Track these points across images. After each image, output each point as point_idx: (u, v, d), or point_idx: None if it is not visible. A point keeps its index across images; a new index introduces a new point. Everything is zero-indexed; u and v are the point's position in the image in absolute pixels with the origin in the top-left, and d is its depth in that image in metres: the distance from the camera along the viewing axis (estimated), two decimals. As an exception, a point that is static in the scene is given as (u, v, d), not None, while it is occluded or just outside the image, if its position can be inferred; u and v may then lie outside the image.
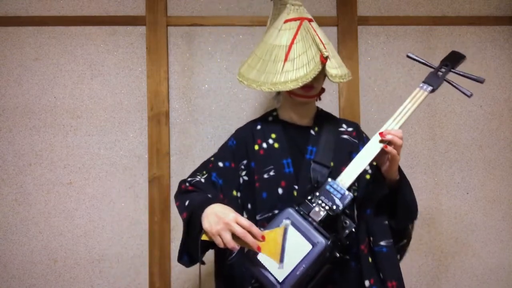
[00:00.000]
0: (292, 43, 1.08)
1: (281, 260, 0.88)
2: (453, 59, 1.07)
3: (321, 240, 0.89)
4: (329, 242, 0.89)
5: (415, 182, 1.70)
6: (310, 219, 0.93)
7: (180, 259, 1.05)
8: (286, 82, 1.05)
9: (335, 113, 1.68)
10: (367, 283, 1.03)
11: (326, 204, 0.95)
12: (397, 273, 1.05)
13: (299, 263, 0.88)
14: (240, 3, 1.68)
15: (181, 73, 1.66)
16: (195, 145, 1.65)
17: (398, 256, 1.12)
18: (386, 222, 1.07)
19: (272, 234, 0.91)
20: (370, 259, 1.06)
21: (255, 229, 0.89)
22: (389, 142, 0.98)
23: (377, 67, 1.71)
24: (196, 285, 1.62)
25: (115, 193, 1.62)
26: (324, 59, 1.05)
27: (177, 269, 1.62)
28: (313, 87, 1.10)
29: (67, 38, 1.64)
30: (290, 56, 1.07)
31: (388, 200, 1.06)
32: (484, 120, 1.74)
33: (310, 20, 1.13)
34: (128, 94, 1.65)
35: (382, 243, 1.05)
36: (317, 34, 1.09)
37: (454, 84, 1.03)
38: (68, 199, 1.61)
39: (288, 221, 0.92)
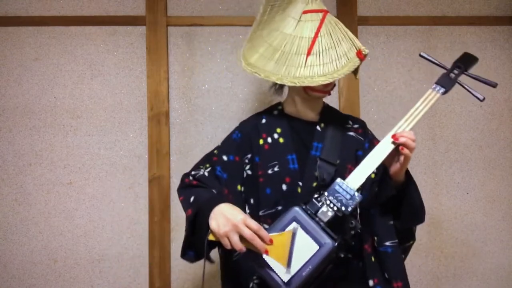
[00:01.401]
0: (316, 35, 1.04)
1: (288, 264, 0.87)
2: (466, 61, 1.05)
3: (328, 241, 0.87)
4: (336, 243, 0.88)
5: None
6: (317, 219, 0.91)
7: (184, 255, 1.03)
8: (313, 77, 1.02)
9: (335, 113, 1.69)
10: (371, 282, 1.03)
11: (334, 205, 0.93)
12: (402, 273, 1.04)
13: (305, 263, 0.87)
14: (240, 3, 1.68)
15: (181, 73, 1.66)
16: (195, 145, 1.65)
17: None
18: (391, 222, 1.06)
19: (280, 238, 0.89)
20: (373, 259, 1.06)
21: (263, 232, 0.87)
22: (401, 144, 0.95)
23: (377, 67, 1.71)
24: (196, 285, 1.62)
25: (115, 193, 1.62)
26: (363, 56, 1.04)
27: (177, 269, 1.62)
28: (331, 83, 1.07)
29: (67, 38, 1.64)
30: (314, 49, 1.03)
31: (393, 201, 1.05)
32: (484, 120, 1.74)
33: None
34: (128, 94, 1.65)
35: (387, 243, 1.04)
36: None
37: (467, 88, 1.00)
38: (68, 199, 1.61)
39: (297, 225, 0.90)
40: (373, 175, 1.11)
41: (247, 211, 1.10)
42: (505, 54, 1.75)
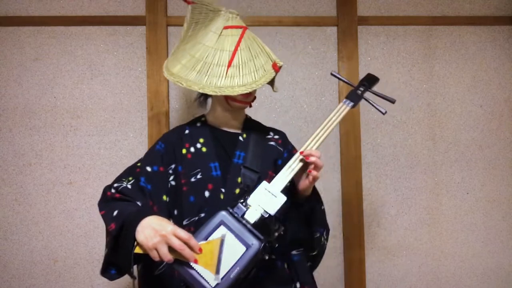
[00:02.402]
0: (236, 49, 1.10)
1: (217, 271, 0.87)
2: (370, 80, 1.16)
3: (255, 242, 0.89)
4: (262, 244, 0.89)
5: (415, 182, 1.70)
6: (244, 221, 0.92)
7: (104, 272, 0.98)
8: (233, 87, 1.07)
9: (335, 113, 1.69)
10: (298, 284, 1.12)
11: (260, 207, 0.95)
12: (309, 278, 1.15)
13: (233, 265, 0.87)
14: (240, 3, 1.68)
15: (181, 73, 1.65)
16: (195, 145, 1.65)
17: (310, 264, 1.18)
18: (298, 233, 1.12)
19: (209, 246, 0.89)
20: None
21: (193, 241, 0.87)
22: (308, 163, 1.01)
23: (377, 67, 1.71)
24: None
25: (115, 193, 1.62)
26: (277, 68, 1.13)
27: (177, 269, 1.62)
28: (251, 94, 1.15)
29: (67, 38, 1.64)
30: (234, 61, 1.09)
31: (298, 212, 1.10)
32: (484, 120, 1.74)
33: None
34: (128, 94, 1.65)
35: (294, 252, 1.13)
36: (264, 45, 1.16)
37: (371, 102, 1.10)
38: (68, 199, 1.61)
39: (225, 230, 0.91)
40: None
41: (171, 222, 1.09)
42: (505, 54, 1.75)
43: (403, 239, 1.70)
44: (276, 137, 1.24)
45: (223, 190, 1.08)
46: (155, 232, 0.86)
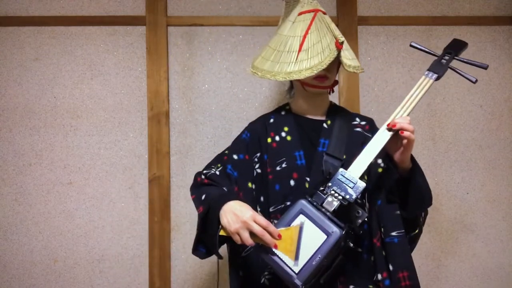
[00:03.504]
0: (306, 33, 1.09)
1: (296, 257, 0.89)
2: (456, 47, 1.08)
3: (335, 229, 0.89)
4: (343, 231, 0.89)
5: (415, 182, 1.70)
6: (323, 209, 0.93)
7: (195, 251, 1.06)
8: (301, 71, 1.06)
9: (335, 113, 1.69)
10: (379, 276, 1.03)
11: (339, 194, 0.95)
12: (408, 263, 1.02)
13: (315, 253, 0.89)
14: (240, 3, 1.68)
15: (181, 73, 1.66)
16: (195, 145, 1.65)
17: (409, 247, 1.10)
18: (398, 212, 1.05)
19: (288, 232, 0.92)
20: (383, 253, 1.05)
21: (272, 227, 0.90)
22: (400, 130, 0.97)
23: (377, 67, 1.71)
24: (196, 285, 1.62)
25: (115, 193, 1.62)
26: (339, 45, 1.06)
27: (177, 269, 1.62)
28: (327, 77, 1.11)
29: (67, 38, 1.64)
30: (304, 46, 1.09)
31: (399, 189, 1.05)
32: (484, 120, 1.74)
33: (323, 13, 1.15)
34: (128, 94, 1.65)
35: (394, 233, 1.03)
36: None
37: (458, 71, 1.03)
38: (68, 199, 1.61)
39: (304, 218, 0.92)
40: (380, 169, 1.11)
41: (258, 208, 1.12)
42: (505, 54, 1.75)
43: (403, 239, 1.70)
44: (363, 123, 1.20)
45: (308, 179, 1.08)
46: (236, 218, 0.92)
